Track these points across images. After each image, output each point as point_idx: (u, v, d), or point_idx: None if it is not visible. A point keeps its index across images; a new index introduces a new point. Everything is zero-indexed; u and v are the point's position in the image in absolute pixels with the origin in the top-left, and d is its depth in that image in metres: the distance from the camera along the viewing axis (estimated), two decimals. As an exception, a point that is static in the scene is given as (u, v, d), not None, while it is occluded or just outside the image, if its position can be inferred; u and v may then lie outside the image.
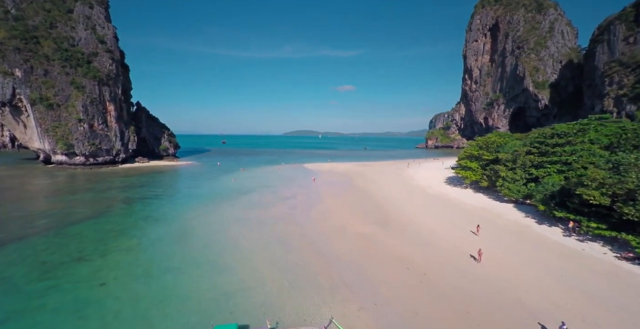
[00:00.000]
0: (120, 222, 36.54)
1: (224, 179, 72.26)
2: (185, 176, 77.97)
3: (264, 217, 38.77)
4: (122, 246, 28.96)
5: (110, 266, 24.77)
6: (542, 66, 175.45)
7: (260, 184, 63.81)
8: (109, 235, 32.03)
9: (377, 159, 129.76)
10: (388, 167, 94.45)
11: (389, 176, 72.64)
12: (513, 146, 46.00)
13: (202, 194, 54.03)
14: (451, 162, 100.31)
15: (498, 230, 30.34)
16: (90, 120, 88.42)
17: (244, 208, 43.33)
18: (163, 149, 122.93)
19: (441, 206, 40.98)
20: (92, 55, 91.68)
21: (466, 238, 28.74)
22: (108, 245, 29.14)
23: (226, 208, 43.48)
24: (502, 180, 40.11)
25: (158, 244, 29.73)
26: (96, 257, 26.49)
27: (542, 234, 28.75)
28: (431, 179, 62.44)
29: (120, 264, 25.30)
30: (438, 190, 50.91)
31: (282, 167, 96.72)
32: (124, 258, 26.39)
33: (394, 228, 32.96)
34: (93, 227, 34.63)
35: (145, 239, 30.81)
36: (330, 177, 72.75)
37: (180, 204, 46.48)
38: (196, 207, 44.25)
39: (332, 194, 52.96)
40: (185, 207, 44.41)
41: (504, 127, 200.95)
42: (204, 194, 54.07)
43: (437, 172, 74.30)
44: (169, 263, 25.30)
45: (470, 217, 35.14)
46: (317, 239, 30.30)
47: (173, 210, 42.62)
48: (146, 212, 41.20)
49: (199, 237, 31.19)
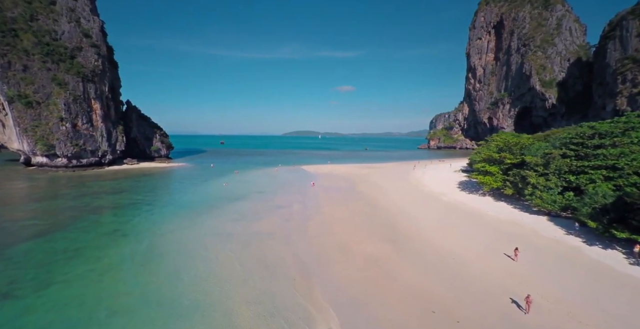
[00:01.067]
0: (80, 239, 30.58)
1: (215, 183, 66.32)
2: (174, 180, 72.04)
3: (251, 232, 32.86)
4: (70, 275, 23.03)
5: (41, 307, 18.84)
6: (549, 64, 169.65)
7: (253, 189, 57.90)
8: (60, 258, 26.08)
9: (380, 161, 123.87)
10: (392, 169, 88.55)
11: (394, 179, 66.72)
12: (539, 147, 40.16)
13: (186, 201, 48.09)
14: (459, 165, 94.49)
15: (539, 254, 24.38)
16: (74, 119, 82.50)
17: (230, 220, 37.41)
18: (155, 150, 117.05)
19: (461, 219, 35.03)
20: (76, 50, 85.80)
21: (502, 265, 22.81)
22: (52, 273, 23.20)
23: (209, 220, 37.56)
24: (531, 188, 34.28)
25: (116, 271, 23.80)
26: (29, 292, 20.56)
27: (600, 260, 22.70)
28: (442, 184, 56.50)
29: (56, 303, 19.36)
30: (454, 198, 44.95)
31: (279, 170, 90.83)
32: (64, 294, 20.44)
33: (409, 248, 27.04)
34: (44, 246, 28.67)
35: (102, 264, 24.86)
36: (331, 182, 66.83)
37: (159, 214, 40.53)
38: (176, 218, 38.32)
39: (333, 201, 47.03)
40: (163, 218, 38.48)
41: (509, 127, 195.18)
42: (188, 201, 48.13)
43: (447, 175, 68.38)
44: (121, 301, 19.38)
45: (500, 235, 29.21)
46: (313, 264, 24.40)
47: (148, 222, 36.68)
48: (116, 225, 35.27)
49: (169, 261, 25.26)
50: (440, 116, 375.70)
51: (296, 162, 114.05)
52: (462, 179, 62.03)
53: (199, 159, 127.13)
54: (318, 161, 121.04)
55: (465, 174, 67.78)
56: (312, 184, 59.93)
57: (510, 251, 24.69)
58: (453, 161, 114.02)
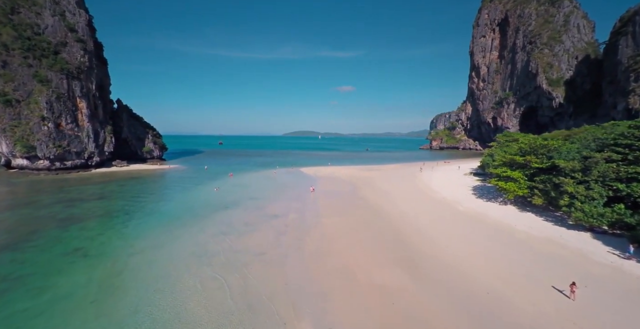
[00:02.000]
0: (30, 262, 25.35)
1: (206, 187, 61.10)
2: (162, 184, 66.78)
3: (238, 250, 27.63)
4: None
5: None
6: (557, 62, 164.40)
7: (247, 195, 52.68)
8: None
9: (382, 162, 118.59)
10: (397, 171, 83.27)
11: (401, 183, 61.44)
12: (570, 150, 34.94)
13: (170, 210, 42.85)
14: (467, 167, 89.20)
15: (600, 288, 18.92)
16: (57, 118, 77.29)
17: (216, 234, 32.17)
18: (147, 151, 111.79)
19: (486, 235, 29.69)
20: (60, 45, 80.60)
21: (557, 307, 17.44)
22: (-29, 315, 17.95)
23: (192, 234, 32.32)
24: (568, 197, 29.08)
25: (58, 311, 18.54)
26: None
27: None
28: (454, 190, 51.20)
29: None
30: (471, 207, 39.58)
31: (277, 172, 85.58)
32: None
33: (429, 277, 21.80)
34: (-20, 272, 23.44)
35: (41, 301, 19.61)
36: (331, 186, 61.57)
37: (134, 226, 35.29)
38: (152, 232, 33.09)
39: (334, 210, 41.78)
40: (138, 232, 33.26)
41: (514, 127, 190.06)
42: (172, 210, 42.89)
43: (457, 179, 63.08)
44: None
45: (539, 258, 23.87)
46: (309, 299, 19.19)
47: (118, 238, 31.43)
48: (79, 242, 30.02)
49: (129, 296, 20.02)
50: (440, 116, 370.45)
51: (295, 164, 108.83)
52: (475, 183, 56.76)
53: (194, 161, 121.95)
54: (318, 163, 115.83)
55: (477, 178, 62.56)
56: (312, 190, 54.62)
57: (561, 283, 19.43)
58: (459, 163, 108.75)
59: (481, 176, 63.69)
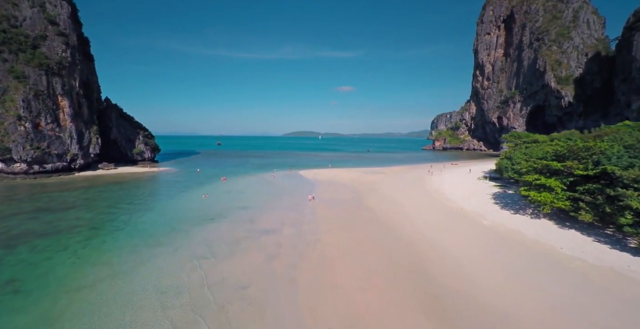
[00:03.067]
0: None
1: (194, 194, 55.22)
2: (146, 190, 60.82)
3: (214, 283, 21.72)
4: None
5: None
6: (565, 59, 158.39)
7: (238, 203, 46.79)
8: None
9: (386, 164, 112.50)
10: (403, 175, 77.23)
11: (410, 189, 55.42)
12: (621, 154, 28.96)
13: (144, 224, 36.89)
14: (478, 169, 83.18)
15: None
16: (35, 118, 71.39)
17: (191, 258, 26.24)
18: (137, 153, 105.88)
19: (528, 261, 23.55)
20: (39, 39, 74.69)
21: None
22: None
23: (161, 258, 26.40)
24: (632, 215, 23.17)
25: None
26: None
27: None
28: (472, 198, 45.16)
29: None
30: (497, 221, 33.32)
31: (274, 175, 79.64)
32: None
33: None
34: None
35: None
36: (332, 192, 55.62)
37: (95, 247, 29.36)
38: (114, 255, 27.17)
39: (336, 224, 35.84)
40: (97, 255, 27.36)
41: (520, 127, 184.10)
42: (147, 223, 36.96)
43: (472, 185, 57.00)
44: None
45: (610, 300, 17.90)
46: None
47: (70, 264, 25.49)
48: (17, 270, 24.10)
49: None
50: (441, 116, 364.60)
51: (294, 166, 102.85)
52: (493, 190, 50.69)
53: (188, 163, 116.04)
54: (318, 164, 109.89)
55: (494, 183, 56.58)
56: (310, 198, 48.56)
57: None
58: (467, 164, 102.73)
59: (498, 182, 57.68)
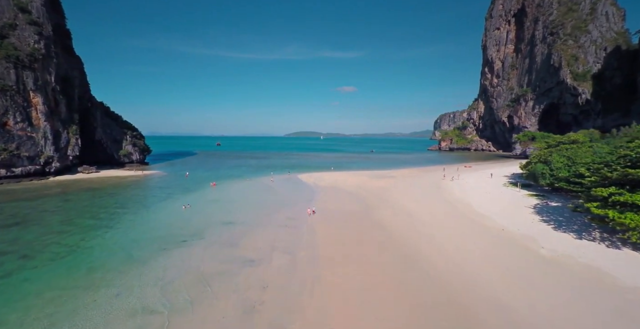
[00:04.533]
0: None
1: (174, 204, 47.19)
2: (121, 198, 52.77)
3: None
4: None
5: None
6: (582, 54, 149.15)
7: (222, 217, 38.68)
8: None
9: (393, 166, 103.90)
10: (415, 180, 68.76)
11: (428, 199, 46.97)
12: None
13: (94, 250, 28.75)
14: (500, 173, 74.27)
15: None
16: (2, 116, 63.67)
17: (132, 313, 18.04)
18: (124, 155, 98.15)
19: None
20: (7, 28, 66.99)
21: None
22: None
23: (90, 311, 18.20)
24: None
25: None
26: None
27: None
28: (509, 212, 36.63)
29: None
30: (561, 251, 23.94)
31: (271, 180, 71.46)
32: None
33: None
34: None
35: None
36: (336, 202, 47.34)
37: (13, 286, 21.27)
38: (20, 309, 18.99)
39: (341, 250, 27.59)
40: (8, 300, 19.24)
41: (532, 126, 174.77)
42: (97, 250, 28.81)
43: (500, 194, 48.39)
44: None
45: None
46: None
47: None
48: None
49: None
50: (444, 115, 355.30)
51: (294, 169, 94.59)
52: (530, 201, 42.08)
53: (181, 165, 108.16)
54: (319, 167, 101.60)
55: (528, 192, 48.00)
56: (310, 212, 40.08)
57: None
58: (482, 167, 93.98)
59: (531, 189, 49.13)
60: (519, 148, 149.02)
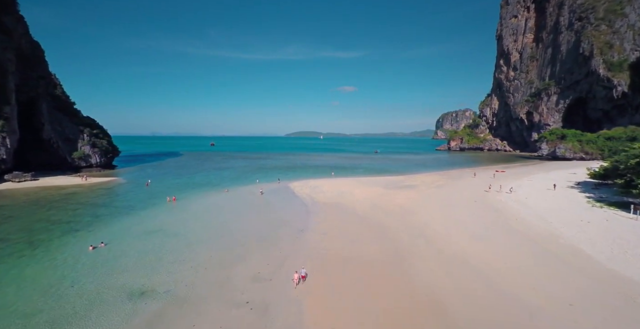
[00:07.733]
0: None
1: (88, 237, 29.38)
2: (17, 225, 34.88)
3: None
4: None
5: None
6: (618, 41, 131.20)
7: (136, 278, 20.97)
8: None
9: (407, 170, 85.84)
10: (448, 191, 50.75)
11: (494, 235, 29.01)
12: None
13: None
14: (556, 180, 55.70)
15: None
16: None
17: None
18: (80, 157, 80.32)
19: None
20: None
21: None
22: None
23: None
24: None
25: None
26: None
27: None
28: (627, 250, 19.07)
29: None
30: None
31: (258, 191, 53.71)
32: None
33: None
34: None
35: None
36: (341, 237, 29.51)
37: None
38: None
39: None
40: None
41: (556, 123, 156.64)
42: None
43: (601, 218, 30.54)
44: None
45: None
46: None
47: None
48: None
49: None
50: (446, 115, 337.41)
51: (287, 175, 76.57)
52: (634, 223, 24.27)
53: (152, 169, 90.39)
54: (318, 172, 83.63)
55: (628, 213, 29.87)
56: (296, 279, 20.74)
57: None
58: (518, 171, 75.68)
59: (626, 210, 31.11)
60: (546, 148, 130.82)
